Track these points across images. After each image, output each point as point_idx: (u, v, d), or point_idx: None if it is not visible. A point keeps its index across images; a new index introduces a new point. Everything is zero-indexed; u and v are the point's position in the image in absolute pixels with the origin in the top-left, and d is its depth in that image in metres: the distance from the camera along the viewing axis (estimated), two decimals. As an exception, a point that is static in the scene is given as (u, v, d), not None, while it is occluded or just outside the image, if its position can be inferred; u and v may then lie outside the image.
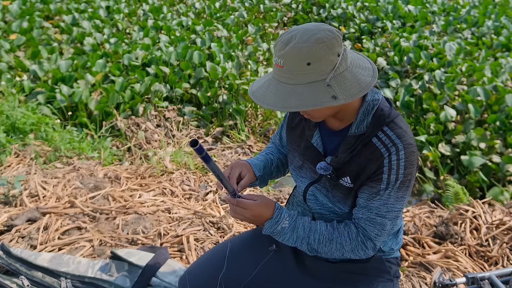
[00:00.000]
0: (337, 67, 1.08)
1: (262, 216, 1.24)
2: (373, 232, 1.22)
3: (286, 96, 1.09)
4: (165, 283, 1.87)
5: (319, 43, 1.05)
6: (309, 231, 1.25)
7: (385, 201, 1.19)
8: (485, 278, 1.73)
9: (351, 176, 1.23)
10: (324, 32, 1.07)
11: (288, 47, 1.07)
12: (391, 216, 1.21)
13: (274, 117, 4.99)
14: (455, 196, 3.29)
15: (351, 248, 1.23)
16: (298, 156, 1.37)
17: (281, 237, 1.26)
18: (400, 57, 6.50)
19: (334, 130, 1.28)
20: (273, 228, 1.25)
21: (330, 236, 1.25)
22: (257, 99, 1.13)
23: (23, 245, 2.19)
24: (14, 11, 6.86)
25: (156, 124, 4.56)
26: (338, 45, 1.08)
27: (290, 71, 1.08)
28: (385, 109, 1.21)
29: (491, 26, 8.01)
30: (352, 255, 1.25)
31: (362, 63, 1.17)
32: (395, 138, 1.17)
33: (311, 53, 1.05)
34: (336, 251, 1.25)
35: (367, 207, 1.21)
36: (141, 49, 5.75)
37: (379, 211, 1.20)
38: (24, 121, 3.57)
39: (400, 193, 1.19)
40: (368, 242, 1.23)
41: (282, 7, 9.91)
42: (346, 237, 1.24)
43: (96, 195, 2.69)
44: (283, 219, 1.25)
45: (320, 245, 1.25)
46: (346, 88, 1.08)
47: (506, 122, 4.43)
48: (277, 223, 1.25)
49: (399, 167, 1.16)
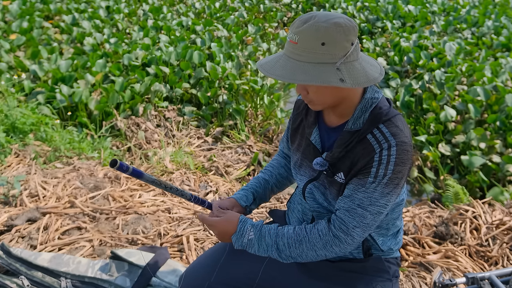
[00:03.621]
0: (349, 55, 1.10)
1: (227, 232, 1.28)
2: (351, 223, 1.18)
3: (295, 70, 1.11)
4: (165, 283, 1.87)
5: (337, 27, 1.09)
6: (275, 236, 1.25)
7: (369, 194, 1.17)
8: (485, 278, 1.73)
9: (344, 172, 1.23)
10: (343, 19, 1.11)
11: (307, 24, 1.10)
12: (373, 210, 1.18)
13: (274, 117, 4.99)
14: (455, 196, 3.29)
15: (323, 245, 1.21)
16: (298, 155, 1.39)
17: (251, 249, 1.26)
18: (400, 57, 6.50)
19: (332, 126, 1.29)
20: (240, 242, 1.26)
21: (298, 237, 1.23)
22: (265, 70, 1.15)
23: (23, 245, 2.19)
24: (14, 11, 6.87)
25: (156, 124, 4.56)
26: (353, 34, 1.11)
27: (304, 48, 1.10)
28: (383, 108, 1.22)
29: (491, 26, 8.01)
30: (326, 252, 1.21)
31: (371, 61, 1.20)
32: (389, 136, 1.17)
33: (327, 34, 1.08)
34: (308, 251, 1.22)
35: (351, 197, 1.19)
36: (141, 49, 5.75)
37: (361, 202, 1.18)
38: (24, 121, 3.57)
39: (387, 189, 1.17)
40: (342, 236, 1.19)
41: (282, 7, 9.91)
42: (316, 234, 1.22)
43: (96, 195, 2.69)
44: (247, 231, 1.26)
45: (290, 249, 1.23)
46: (355, 75, 1.11)
47: (506, 122, 4.43)
48: (243, 236, 1.26)
49: (389, 163, 1.15)
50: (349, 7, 9.13)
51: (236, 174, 3.70)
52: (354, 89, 1.20)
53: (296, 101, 1.44)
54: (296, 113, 1.41)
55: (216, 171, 3.64)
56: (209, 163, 3.76)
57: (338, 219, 1.20)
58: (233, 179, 3.61)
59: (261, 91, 5.07)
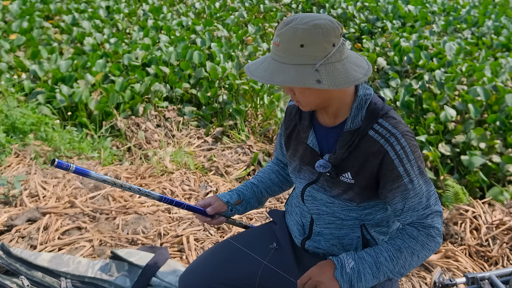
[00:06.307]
0: (329, 56, 1.11)
1: (326, 274, 1.21)
2: (430, 221, 1.22)
3: (275, 72, 1.13)
4: (165, 283, 1.87)
5: (316, 28, 1.10)
6: (374, 253, 1.23)
7: (418, 191, 1.20)
8: (485, 278, 1.74)
9: (352, 172, 1.24)
10: (324, 20, 1.12)
11: (287, 27, 1.12)
12: (433, 202, 1.23)
13: (274, 117, 4.99)
14: (455, 196, 3.29)
15: (421, 246, 1.22)
16: (297, 160, 1.38)
17: (356, 276, 1.20)
18: (400, 57, 6.50)
19: (328, 127, 1.29)
20: (344, 273, 1.20)
21: (396, 247, 1.22)
22: (249, 72, 1.18)
23: (23, 245, 2.19)
24: (14, 11, 6.86)
25: (156, 124, 4.56)
26: (334, 35, 1.12)
27: (284, 50, 1.12)
28: (378, 103, 1.24)
29: (491, 26, 8.01)
30: (426, 252, 1.23)
31: (359, 62, 1.19)
32: (392, 128, 1.19)
33: (306, 36, 1.09)
34: (409, 257, 1.22)
35: (411, 209, 1.21)
36: (141, 49, 5.75)
37: (420, 202, 1.21)
38: (24, 121, 3.56)
39: (423, 177, 1.21)
40: (432, 231, 1.22)
41: (282, 7, 9.90)
42: (410, 239, 1.22)
43: (96, 195, 2.69)
44: (345, 260, 1.23)
45: (394, 261, 1.21)
46: (333, 77, 1.11)
47: (506, 122, 4.43)
48: (343, 267, 1.21)
49: (408, 154, 1.18)
50: (349, 7, 9.13)
51: (236, 174, 3.70)
52: (341, 89, 1.20)
53: (288, 107, 1.43)
54: (289, 119, 1.41)
55: (216, 171, 3.64)
56: (209, 163, 3.76)
57: (417, 225, 1.23)
58: (233, 179, 3.61)
59: (261, 91, 5.07)
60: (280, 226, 1.52)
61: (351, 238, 1.34)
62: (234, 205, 1.49)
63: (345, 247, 1.36)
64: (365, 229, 1.33)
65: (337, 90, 1.19)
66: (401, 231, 1.26)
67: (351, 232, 1.33)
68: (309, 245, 1.40)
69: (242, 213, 1.54)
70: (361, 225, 1.32)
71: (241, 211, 1.52)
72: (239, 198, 1.50)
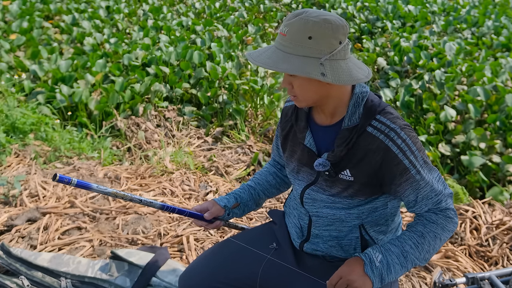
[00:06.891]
0: (335, 53, 1.12)
1: (356, 271, 1.21)
2: (445, 204, 1.25)
3: (279, 60, 1.13)
4: (165, 283, 1.87)
5: (326, 23, 1.11)
6: (399, 242, 1.24)
7: (428, 180, 1.21)
8: (485, 278, 1.74)
9: (351, 169, 1.24)
10: (334, 17, 1.13)
11: (297, 18, 1.13)
12: (442, 186, 1.25)
13: (274, 117, 4.99)
14: (455, 196, 3.29)
15: (442, 229, 1.24)
16: (295, 161, 1.38)
17: (386, 269, 1.21)
18: (400, 57, 6.50)
19: (325, 126, 1.29)
20: (374, 268, 1.20)
21: (419, 233, 1.24)
22: (252, 58, 1.18)
23: (23, 245, 2.19)
24: (14, 11, 6.86)
25: (156, 124, 4.56)
26: (342, 33, 1.13)
27: (291, 40, 1.12)
28: (375, 100, 1.24)
29: (491, 26, 8.01)
30: (447, 233, 1.25)
31: (360, 65, 1.21)
32: (390, 123, 1.20)
33: (315, 28, 1.10)
34: (433, 241, 1.24)
35: (424, 198, 1.23)
36: (141, 49, 5.75)
37: (431, 190, 1.23)
38: (24, 121, 3.56)
39: (428, 166, 1.23)
40: (448, 212, 1.25)
41: (282, 7, 9.90)
42: (430, 223, 1.25)
43: (96, 195, 2.69)
44: (372, 255, 1.23)
45: (419, 247, 1.23)
46: (337, 73, 1.12)
47: (506, 122, 4.43)
48: (372, 261, 1.21)
49: (410, 146, 1.19)
50: (349, 7, 9.13)
51: (236, 174, 3.70)
52: (340, 87, 1.21)
53: (284, 108, 1.43)
54: (285, 120, 1.41)
55: (216, 171, 3.64)
56: (209, 163, 3.76)
57: (434, 210, 1.25)
58: (233, 179, 3.61)
59: (261, 91, 5.07)
60: (280, 226, 1.52)
61: (350, 239, 1.34)
62: (232, 209, 1.49)
63: (343, 248, 1.35)
64: (364, 230, 1.32)
65: (335, 88, 1.20)
66: (419, 217, 1.28)
67: (349, 233, 1.33)
68: (307, 248, 1.40)
69: (239, 216, 1.54)
70: (359, 225, 1.32)
71: (239, 214, 1.52)
72: (236, 201, 1.50)
